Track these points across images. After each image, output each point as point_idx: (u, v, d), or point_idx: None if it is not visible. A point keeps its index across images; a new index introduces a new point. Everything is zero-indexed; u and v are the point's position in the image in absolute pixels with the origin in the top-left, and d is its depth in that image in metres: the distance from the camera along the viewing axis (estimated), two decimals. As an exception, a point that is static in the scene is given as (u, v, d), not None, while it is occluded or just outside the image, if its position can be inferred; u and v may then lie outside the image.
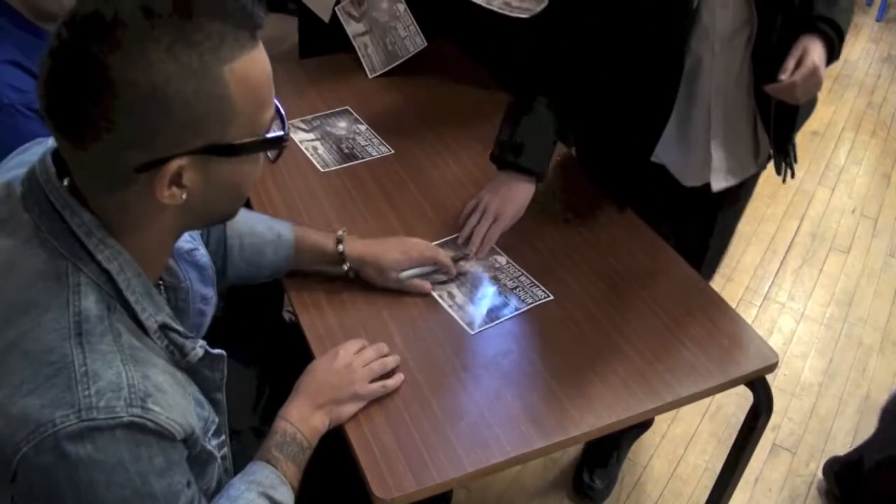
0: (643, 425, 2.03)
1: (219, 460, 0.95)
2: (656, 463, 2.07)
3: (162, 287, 0.98)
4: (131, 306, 0.83)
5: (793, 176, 1.57)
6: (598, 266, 1.43)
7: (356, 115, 1.87)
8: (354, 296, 1.34)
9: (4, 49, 1.35)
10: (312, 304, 1.32)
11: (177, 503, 0.82)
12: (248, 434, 1.23)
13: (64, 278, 0.79)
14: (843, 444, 2.14)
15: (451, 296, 1.34)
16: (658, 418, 2.10)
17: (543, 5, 1.54)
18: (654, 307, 1.34)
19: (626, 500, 1.97)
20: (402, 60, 2.02)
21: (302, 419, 1.09)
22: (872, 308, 2.61)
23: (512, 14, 1.59)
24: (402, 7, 1.98)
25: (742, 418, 1.39)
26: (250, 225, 1.29)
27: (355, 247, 1.32)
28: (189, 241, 1.07)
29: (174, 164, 0.76)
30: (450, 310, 1.31)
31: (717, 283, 1.60)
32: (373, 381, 1.16)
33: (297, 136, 1.78)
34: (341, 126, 1.83)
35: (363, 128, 1.82)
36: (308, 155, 1.72)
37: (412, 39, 2.01)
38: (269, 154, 0.87)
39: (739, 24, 1.37)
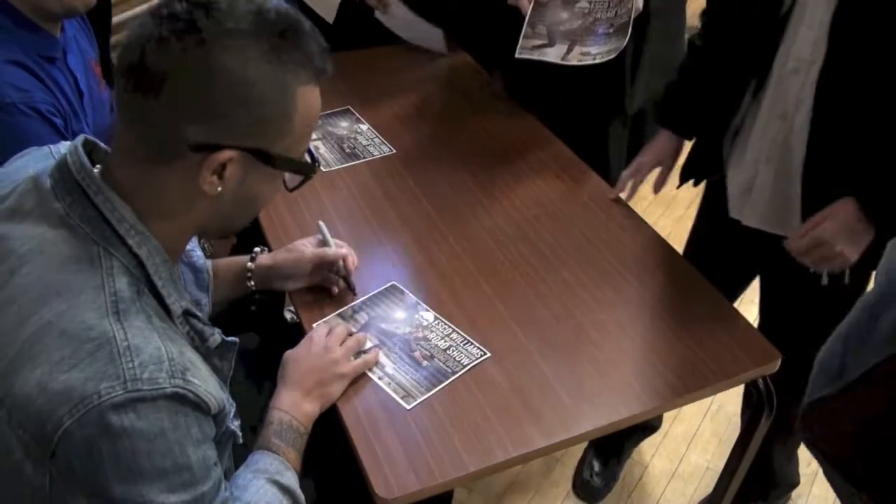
0: (647, 428, 2.03)
1: (239, 440, 0.98)
2: (658, 462, 2.07)
3: None
4: (158, 291, 0.86)
5: (825, 282, 1.35)
6: (600, 266, 1.43)
7: (357, 114, 1.87)
8: (355, 298, 1.34)
9: (6, 49, 1.35)
10: (314, 303, 1.33)
11: (208, 479, 0.84)
12: (248, 432, 1.23)
13: (97, 261, 0.83)
14: (844, 444, 2.14)
15: (380, 366, 1.22)
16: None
17: (625, 42, 1.53)
18: (656, 306, 1.34)
19: (628, 500, 1.97)
20: None
21: (294, 406, 1.11)
22: (874, 307, 2.60)
23: (595, 61, 1.58)
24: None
25: (744, 418, 1.40)
26: None
27: (265, 256, 1.33)
28: None
29: (226, 154, 0.82)
30: (380, 382, 1.20)
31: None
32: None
33: (299, 136, 1.78)
34: (343, 126, 1.83)
35: (365, 127, 1.82)
36: (309, 154, 1.72)
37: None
38: (287, 183, 0.94)
39: (820, 55, 1.28)
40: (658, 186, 1.61)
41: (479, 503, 1.95)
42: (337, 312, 1.31)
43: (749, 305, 2.54)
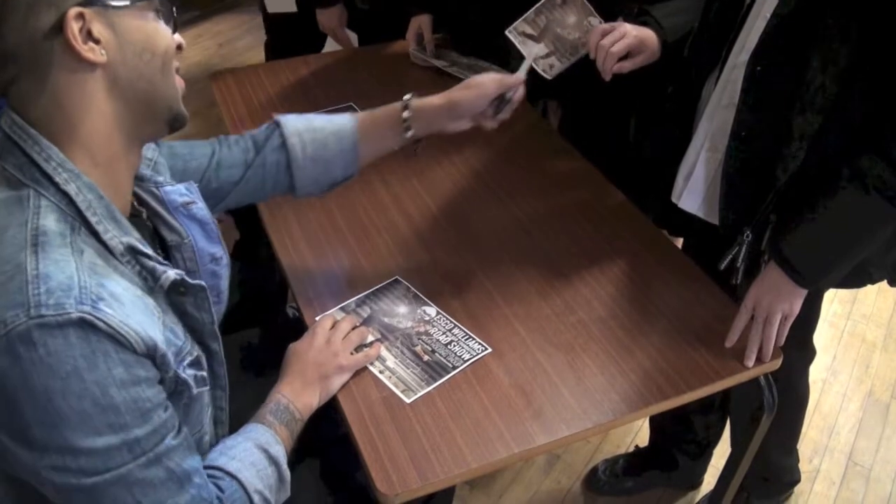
0: (684, 484, 1.99)
1: (193, 391, 0.93)
2: (659, 459, 2.07)
3: (149, 224, 1.00)
4: (93, 227, 0.85)
5: (736, 281, 1.37)
6: (602, 262, 1.43)
7: (360, 111, 1.86)
8: (357, 292, 1.34)
9: None
10: (315, 298, 1.33)
11: (147, 421, 0.82)
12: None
13: (25, 202, 0.82)
14: (846, 441, 2.14)
15: (381, 360, 1.22)
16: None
17: (566, 64, 1.49)
18: (658, 303, 1.34)
19: (629, 496, 1.97)
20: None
21: (294, 394, 1.12)
22: (876, 305, 2.60)
23: (544, 74, 1.54)
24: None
25: (745, 415, 1.39)
26: (307, 119, 1.27)
27: (433, 97, 1.27)
28: (185, 193, 1.07)
29: (73, 12, 0.80)
30: (381, 376, 1.21)
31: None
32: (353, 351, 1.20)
33: (301, 132, 1.78)
34: (345, 122, 1.82)
35: (367, 123, 1.82)
36: (311, 151, 1.72)
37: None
38: (163, 19, 0.90)
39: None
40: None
41: (481, 499, 1.95)
42: (339, 306, 1.31)
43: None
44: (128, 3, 0.85)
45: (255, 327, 1.42)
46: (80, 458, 0.78)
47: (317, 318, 1.27)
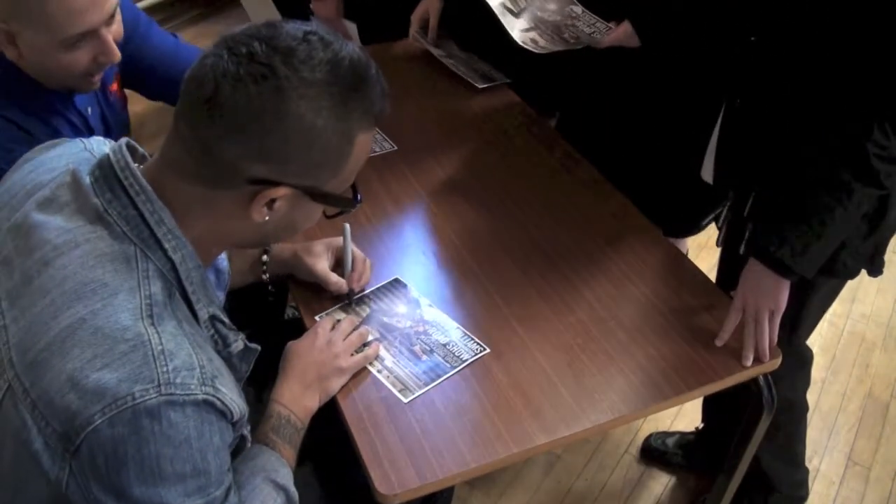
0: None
1: (248, 444, 1.00)
2: (659, 459, 2.07)
3: None
4: (188, 296, 0.88)
5: (718, 244, 1.46)
6: (601, 262, 1.43)
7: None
8: (357, 292, 1.34)
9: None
10: (314, 296, 1.33)
11: (222, 484, 0.86)
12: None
13: (133, 262, 0.84)
14: (845, 440, 2.14)
15: (380, 359, 1.23)
16: (660, 414, 2.10)
17: (559, 47, 1.49)
18: (657, 304, 1.34)
19: (629, 497, 1.98)
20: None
21: (294, 400, 1.12)
22: (875, 304, 2.60)
23: (534, 50, 1.52)
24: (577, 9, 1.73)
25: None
26: None
27: (284, 248, 1.35)
28: None
29: (281, 190, 0.84)
30: (379, 375, 1.22)
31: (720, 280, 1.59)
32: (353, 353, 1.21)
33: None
34: (344, 122, 1.82)
35: (366, 123, 1.82)
36: (311, 151, 1.72)
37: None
38: (326, 210, 0.96)
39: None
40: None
41: (480, 499, 1.95)
42: (339, 305, 1.31)
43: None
44: (335, 211, 0.94)
45: (249, 328, 1.42)
46: None
47: (317, 318, 1.28)
